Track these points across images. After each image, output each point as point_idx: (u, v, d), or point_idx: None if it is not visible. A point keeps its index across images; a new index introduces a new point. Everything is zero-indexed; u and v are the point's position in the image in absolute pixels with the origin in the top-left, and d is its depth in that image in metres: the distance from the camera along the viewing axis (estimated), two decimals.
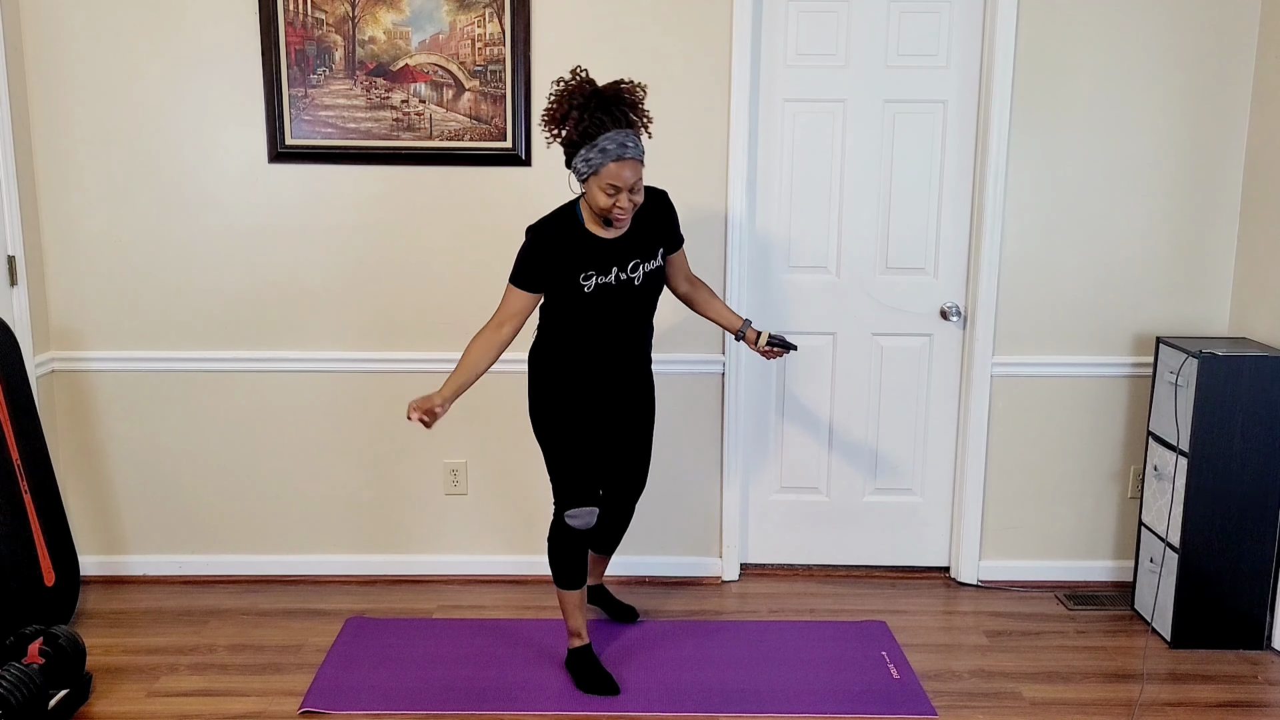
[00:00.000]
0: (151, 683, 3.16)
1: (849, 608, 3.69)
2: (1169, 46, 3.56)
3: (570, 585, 3.11)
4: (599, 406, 3.05)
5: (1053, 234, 3.68)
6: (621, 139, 2.72)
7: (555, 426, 3.02)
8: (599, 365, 3.00)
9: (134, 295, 3.69)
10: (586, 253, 2.86)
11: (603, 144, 2.71)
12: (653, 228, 2.96)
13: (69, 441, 3.78)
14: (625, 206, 2.76)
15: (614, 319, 2.95)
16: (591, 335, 2.95)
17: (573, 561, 3.08)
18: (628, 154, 2.72)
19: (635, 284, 2.91)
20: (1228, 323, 3.71)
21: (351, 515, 3.86)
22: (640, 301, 2.96)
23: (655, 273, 2.96)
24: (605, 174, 2.72)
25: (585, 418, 3.03)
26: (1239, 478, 3.34)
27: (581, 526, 3.04)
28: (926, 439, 3.87)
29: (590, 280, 2.86)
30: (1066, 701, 3.10)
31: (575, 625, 3.16)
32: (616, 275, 2.88)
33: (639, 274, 2.91)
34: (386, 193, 3.65)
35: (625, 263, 2.90)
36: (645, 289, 2.95)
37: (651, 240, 2.95)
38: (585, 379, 3.01)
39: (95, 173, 3.62)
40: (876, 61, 3.64)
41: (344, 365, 3.75)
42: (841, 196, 3.73)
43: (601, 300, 2.89)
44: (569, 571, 3.09)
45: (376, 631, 3.46)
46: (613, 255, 2.89)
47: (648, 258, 2.93)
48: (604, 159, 2.71)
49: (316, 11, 3.53)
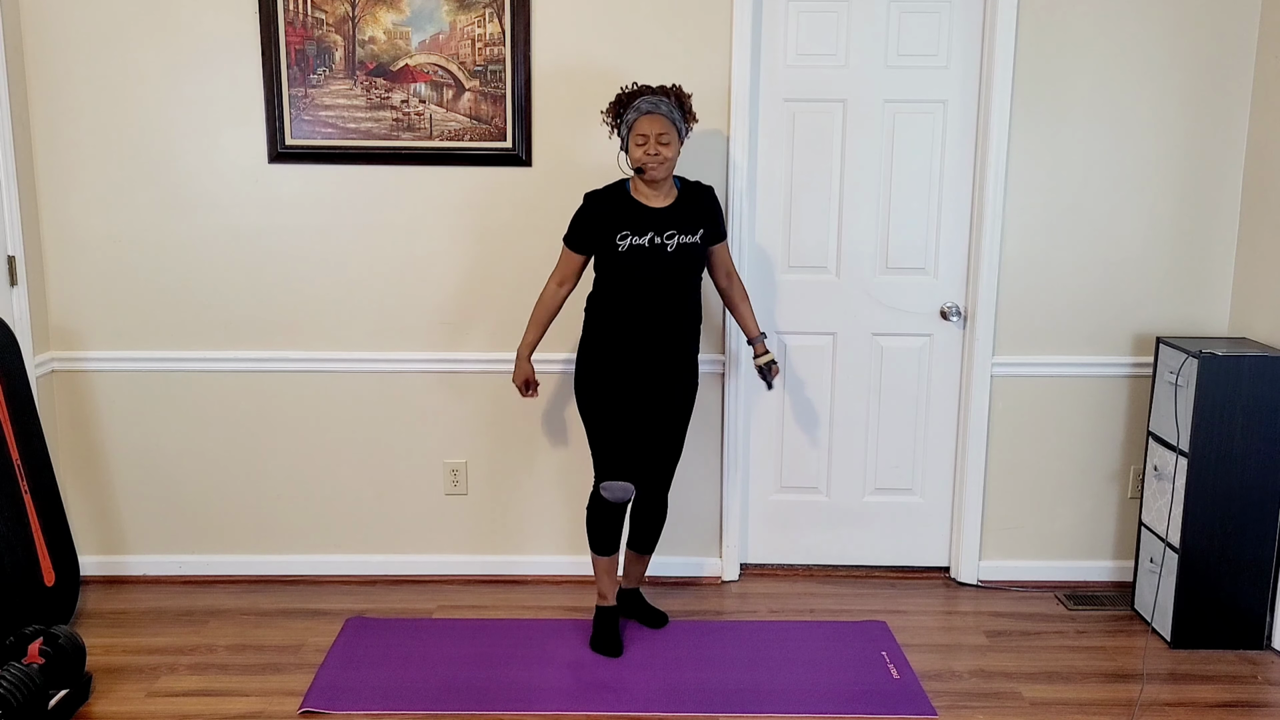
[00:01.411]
0: (151, 683, 3.16)
1: (849, 608, 3.69)
2: (1169, 46, 3.56)
3: (601, 551, 3.35)
4: (638, 382, 3.23)
5: (1053, 234, 3.68)
6: (654, 100, 3.11)
7: (595, 400, 3.23)
8: (638, 332, 3.19)
9: (134, 295, 3.69)
10: (628, 216, 3.16)
11: (637, 104, 3.12)
12: (697, 210, 3.22)
13: (69, 441, 3.78)
14: (654, 152, 3.07)
15: (648, 284, 3.15)
16: (628, 297, 3.17)
17: (606, 530, 3.31)
18: (657, 110, 3.09)
19: (668, 250, 3.15)
20: (1228, 323, 3.71)
21: (351, 515, 3.86)
22: (673, 269, 3.16)
23: (691, 248, 3.18)
24: (636, 127, 3.09)
25: (624, 393, 3.22)
26: (1239, 478, 3.34)
27: (614, 499, 3.24)
28: (926, 439, 3.87)
29: (625, 240, 3.14)
30: (1066, 701, 3.10)
31: (602, 588, 3.39)
32: (651, 239, 3.14)
33: (673, 243, 3.15)
34: (386, 193, 3.65)
35: (662, 230, 3.15)
36: (678, 258, 3.16)
37: (693, 219, 3.20)
38: (626, 350, 3.20)
39: (95, 173, 3.62)
40: (876, 61, 3.64)
41: (344, 365, 3.75)
42: (841, 196, 3.73)
43: (634, 261, 3.14)
44: (602, 538, 3.32)
45: (376, 631, 3.46)
46: (651, 221, 3.15)
47: (685, 231, 3.17)
48: (636, 115, 3.11)
49: (316, 11, 3.53)
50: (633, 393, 3.24)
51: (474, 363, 3.73)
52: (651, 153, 3.07)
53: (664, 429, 3.31)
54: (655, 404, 3.27)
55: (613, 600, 3.39)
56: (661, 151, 3.07)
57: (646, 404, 3.26)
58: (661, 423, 3.30)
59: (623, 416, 3.24)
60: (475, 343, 3.73)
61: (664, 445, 3.33)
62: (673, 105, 3.12)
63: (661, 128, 3.07)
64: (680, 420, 3.33)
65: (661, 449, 3.33)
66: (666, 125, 3.08)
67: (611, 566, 3.38)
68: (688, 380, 3.32)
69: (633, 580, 3.55)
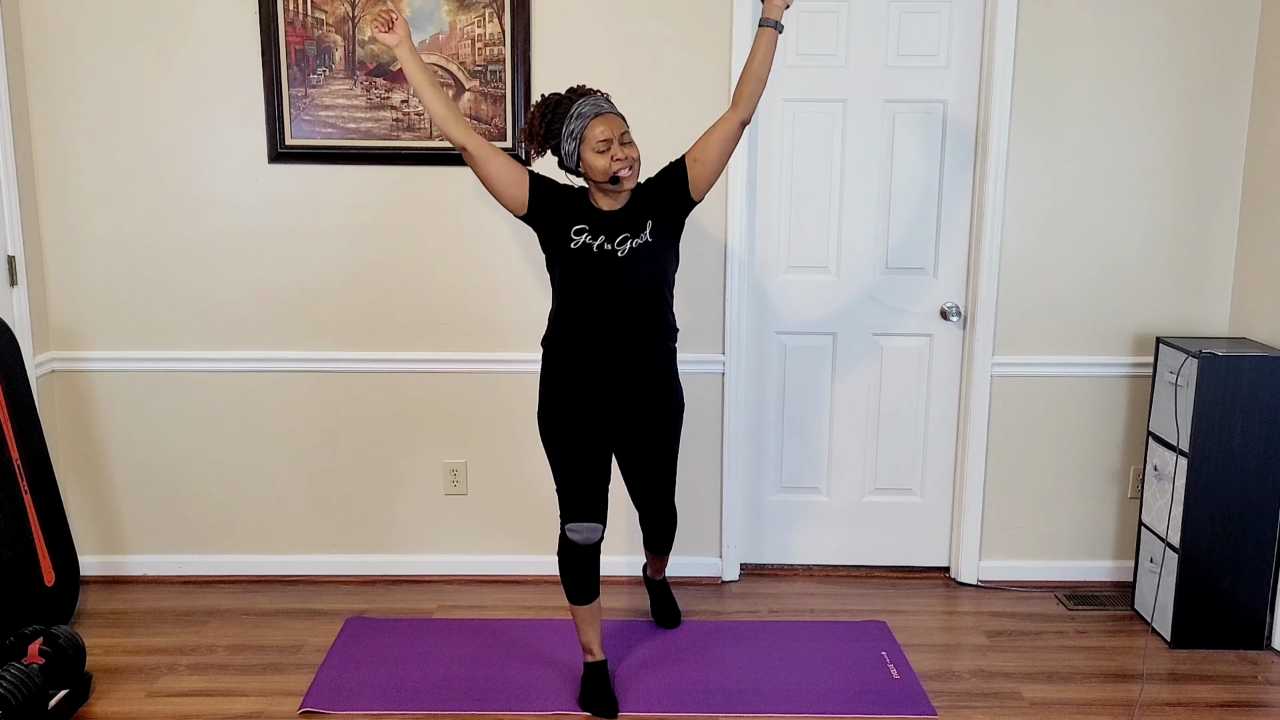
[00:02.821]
0: (151, 683, 3.16)
1: (849, 608, 3.69)
2: (1169, 46, 3.56)
3: (577, 600, 3.01)
4: (607, 414, 2.95)
5: (1053, 234, 3.68)
6: (594, 101, 2.80)
7: (556, 437, 2.95)
8: (601, 363, 2.90)
9: (134, 295, 3.70)
10: (583, 213, 2.86)
11: (577, 110, 2.78)
12: (642, 201, 2.89)
13: (69, 441, 3.78)
14: (623, 158, 2.76)
15: (602, 296, 2.84)
16: (585, 324, 2.87)
17: (580, 576, 2.98)
18: (603, 109, 2.79)
19: (618, 255, 2.82)
20: (1228, 323, 3.71)
21: (352, 515, 3.86)
22: (627, 278, 2.83)
23: (644, 250, 2.84)
24: (591, 135, 2.75)
25: (584, 425, 2.94)
26: (1239, 478, 3.34)
27: (582, 542, 2.95)
28: (926, 439, 3.87)
29: (581, 236, 2.83)
30: (1066, 701, 3.10)
31: (585, 640, 3.06)
32: (601, 245, 2.83)
33: (625, 248, 2.83)
34: (386, 193, 3.65)
35: (614, 235, 2.84)
36: (630, 264, 2.83)
37: (640, 214, 2.87)
38: (588, 379, 2.91)
39: (95, 173, 3.62)
40: (876, 61, 3.64)
41: (344, 365, 3.75)
42: (841, 196, 3.73)
43: (584, 267, 2.83)
44: (575, 586, 3.00)
45: (376, 631, 3.46)
46: (604, 224, 2.85)
47: (636, 231, 2.85)
48: (584, 123, 2.77)
49: (316, 11, 3.53)
50: (601, 426, 2.95)
51: (474, 363, 3.73)
52: (620, 157, 2.75)
53: (645, 460, 3.06)
54: (631, 435, 3.01)
55: (600, 655, 3.06)
56: (629, 153, 2.77)
57: (620, 436, 3.00)
58: (641, 454, 3.05)
59: (586, 447, 2.93)
60: (475, 343, 3.73)
61: (650, 475, 3.09)
62: (609, 102, 2.84)
63: (620, 126, 2.77)
64: (664, 445, 3.06)
65: (649, 479, 3.10)
66: (622, 123, 2.78)
67: (592, 616, 3.03)
68: (666, 403, 3.01)
69: (656, 571, 3.47)
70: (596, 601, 3.04)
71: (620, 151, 2.76)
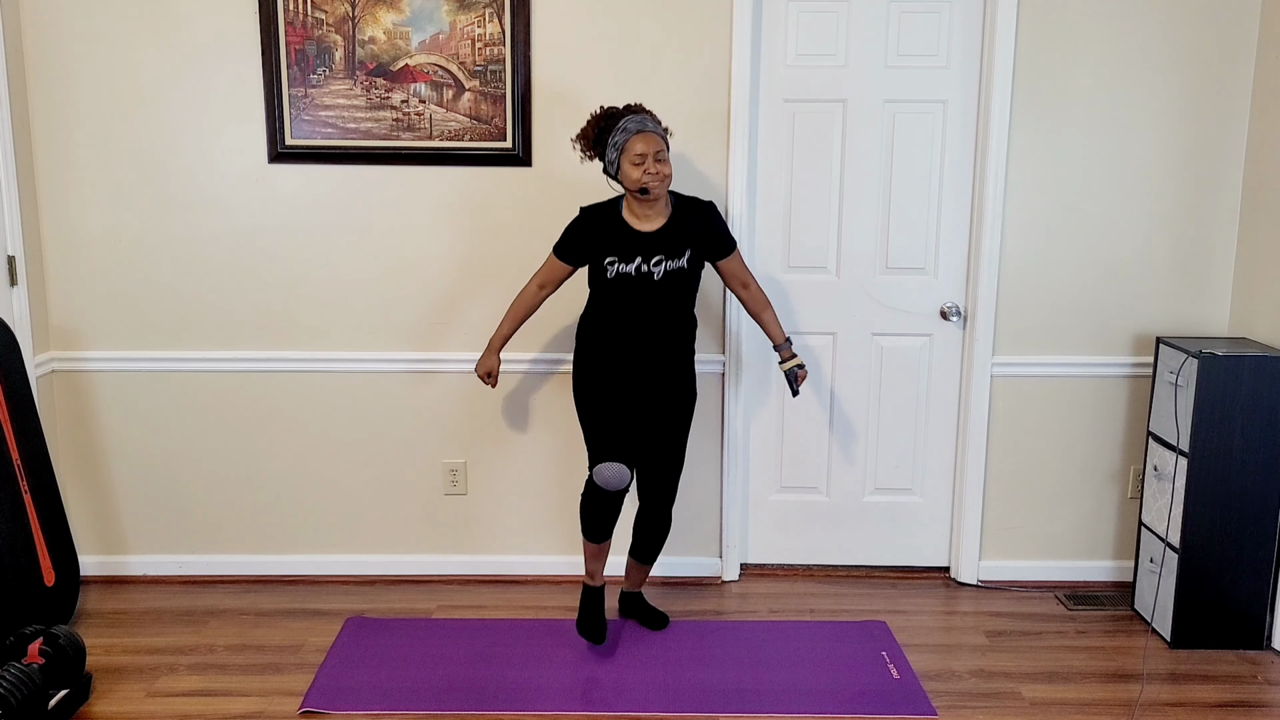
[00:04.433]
0: (151, 683, 3.16)
1: (849, 608, 3.69)
2: (1169, 46, 3.56)
3: (593, 538, 3.25)
4: (628, 385, 3.23)
5: (1053, 234, 3.68)
6: (640, 119, 3.10)
7: (586, 391, 3.22)
8: (627, 349, 3.21)
9: (134, 295, 3.70)
10: (617, 240, 3.15)
11: (624, 125, 3.09)
12: (689, 232, 3.18)
13: (69, 441, 3.78)
14: (654, 171, 3.05)
15: (634, 308, 3.17)
16: (617, 318, 3.20)
17: (599, 517, 3.21)
18: (647, 128, 3.08)
19: (654, 278, 3.15)
20: (1228, 323, 3.71)
21: (351, 515, 3.86)
22: (659, 296, 3.17)
23: (678, 274, 3.17)
24: (630, 148, 3.05)
25: (615, 390, 3.21)
26: (1239, 478, 3.34)
27: (606, 483, 3.13)
28: (926, 439, 3.87)
29: (613, 267, 3.15)
30: (1066, 701, 3.10)
31: (590, 568, 3.32)
32: (638, 267, 3.14)
33: (660, 270, 3.14)
34: (386, 193, 3.65)
35: (650, 256, 3.14)
36: (665, 285, 3.16)
37: (682, 242, 3.16)
38: (616, 357, 3.22)
39: (95, 173, 3.62)
40: (876, 61, 3.64)
41: (344, 365, 3.75)
42: (841, 196, 3.73)
43: (621, 287, 3.16)
44: (594, 525, 3.22)
45: (376, 631, 3.46)
46: (639, 247, 3.14)
47: (673, 256, 3.15)
48: (626, 136, 3.07)
49: (316, 11, 3.53)
50: (627, 391, 3.23)
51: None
52: (652, 171, 3.05)
53: (662, 436, 3.28)
54: (651, 410, 3.26)
55: (600, 581, 3.33)
56: (661, 169, 3.06)
57: (642, 407, 3.25)
58: (659, 430, 3.28)
59: (616, 404, 3.21)
60: (475, 343, 3.72)
61: (664, 454, 3.29)
62: (655, 122, 3.12)
63: (657, 145, 3.06)
64: (678, 428, 3.30)
65: (661, 458, 3.30)
66: (660, 142, 3.07)
67: (601, 552, 3.30)
68: (683, 390, 3.30)
69: (634, 584, 3.55)
70: (607, 543, 3.28)
71: (654, 167, 3.05)
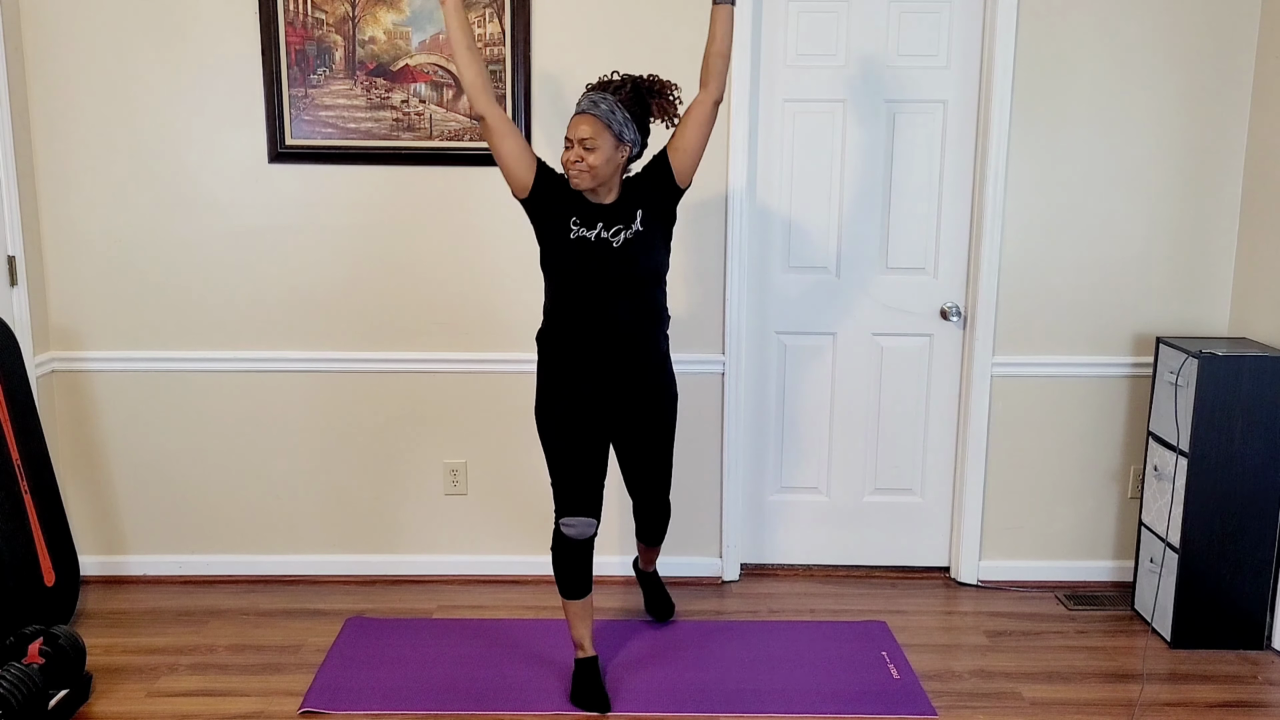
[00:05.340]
0: (151, 683, 3.16)
1: (849, 608, 3.69)
2: (1169, 46, 3.56)
3: (570, 594, 3.04)
4: (597, 402, 2.98)
5: (1053, 234, 3.68)
6: (593, 98, 2.81)
7: (550, 421, 2.99)
8: (592, 352, 2.94)
9: (134, 295, 3.69)
10: (578, 205, 2.89)
11: (579, 101, 2.84)
12: (633, 194, 2.93)
13: (69, 441, 3.78)
14: (572, 159, 2.78)
15: (595, 289, 2.88)
16: (578, 311, 2.91)
17: (573, 570, 3.01)
18: (582, 108, 2.80)
19: (613, 245, 2.86)
20: (1228, 323, 3.71)
21: (351, 515, 3.86)
22: (620, 271, 2.87)
23: (638, 240, 2.88)
24: (568, 126, 2.81)
25: (581, 415, 2.97)
26: (1239, 478, 3.34)
27: (576, 536, 2.98)
28: (926, 439, 3.87)
29: (577, 228, 2.86)
30: (1066, 701, 3.10)
31: (576, 636, 3.09)
32: (598, 234, 2.86)
33: (620, 238, 2.87)
34: (386, 193, 3.65)
35: (610, 225, 2.88)
36: (625, 257, 2.87)
37: (631, 206, 2.90)
38: (580, 366, 2.95)
39: (95, 173, 3.62)
40: (876, 61, 3.64)
41: (344, 365, 3.75)
42: (841, 196, 3.73)
43: (579, 257, 2.86)
44: (568, 580, 3.03)
45: (376, 631, 3.46)
46: (598, 215, 2.88)
47: (628, 223, 2.88)
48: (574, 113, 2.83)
49: (316, 11, 3.53)
50: (598, 418, 2.99)
51: (474, 363, 3.73)
52: (573, 159, 2.77)
53: (645, 449, 3.10)
54: (626, 422, 3.05)
55: (590, 650, 3.09)
56: (585, 159, 2.76)
57: (618, 427, 3.05)
58: (640, 444, 3.09)
59: (583, 437, 2.96)
60: (475, 342, 3.73)
61: (649, 464, 3.13)
62: (615, 105, 2.80)
63: (589, 131, 2.75)
64: (661, 436, 3.10)
65: (648, 469, 3.14)
66: (596, 128, 2.75)
67: (584, 611, 3.06)
68: (661, 392, 3.06)
69: (646, 563, 3.50)
70: (588, 597, 3.07)
71: (576, 153, 2.78)
